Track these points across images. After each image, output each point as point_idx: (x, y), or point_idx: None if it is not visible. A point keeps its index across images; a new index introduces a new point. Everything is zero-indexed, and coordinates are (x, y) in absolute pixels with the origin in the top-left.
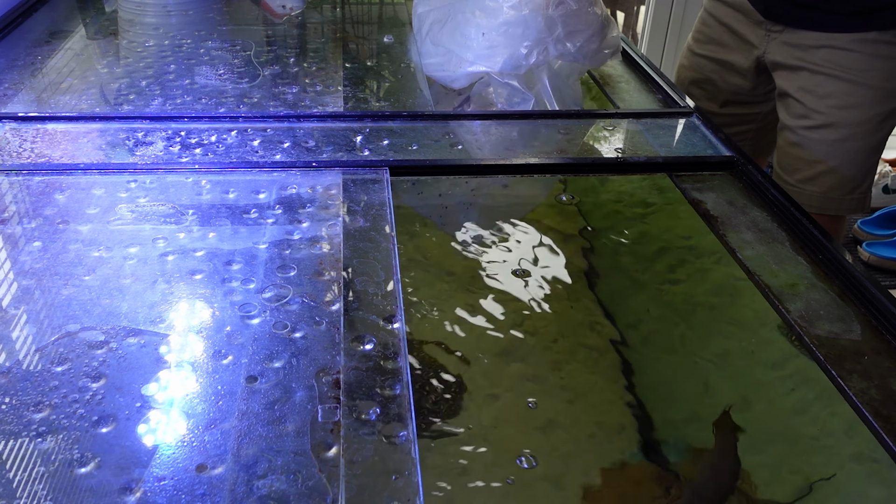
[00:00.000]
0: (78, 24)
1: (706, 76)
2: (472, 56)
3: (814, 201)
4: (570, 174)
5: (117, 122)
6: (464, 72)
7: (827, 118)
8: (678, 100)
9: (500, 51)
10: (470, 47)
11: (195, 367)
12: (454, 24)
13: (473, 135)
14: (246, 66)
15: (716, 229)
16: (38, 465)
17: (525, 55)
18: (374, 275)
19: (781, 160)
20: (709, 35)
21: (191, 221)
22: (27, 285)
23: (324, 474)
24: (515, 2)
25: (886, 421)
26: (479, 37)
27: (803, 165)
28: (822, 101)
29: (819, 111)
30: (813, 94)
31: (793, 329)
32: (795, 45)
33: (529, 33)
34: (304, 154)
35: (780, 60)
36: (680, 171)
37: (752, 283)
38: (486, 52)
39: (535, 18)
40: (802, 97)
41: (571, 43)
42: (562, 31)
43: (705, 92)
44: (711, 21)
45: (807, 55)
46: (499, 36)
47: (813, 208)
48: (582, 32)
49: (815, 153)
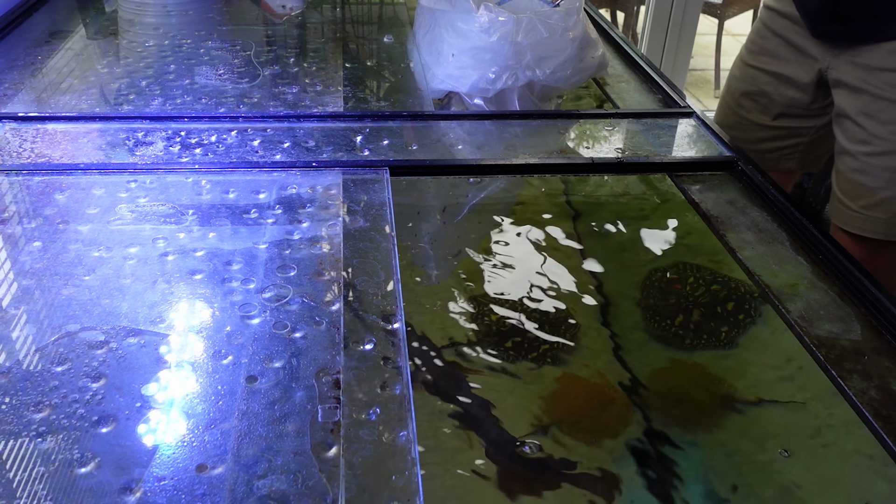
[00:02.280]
0: (78, 24)
1: (760, 88)
2: (443, 74)
3: (879, 227)
4: (570, 174)
5: (117, 122)
6: (436, 87)
7: (890, 145)
8: (678, 100)
9: (468, 73)
10: (441, 64)
11: (195, 367)
12: (432, 37)
13: (473, 134)
14: (246, 66)
15: (716, 229)
16: (38, 465)
17: (493, 80)
18: (374, 275)
19: (842, 185)
20: (763, 47)
21: (191, 221)
22: (27, 285)
23: (324, 474)
24: (486, 27)
25: (886, 421)
26: (450, 56)
27: (866, 192)
28: (885, 128)
29: (881, 137)
30: (875, 119)
31: (793, 329)
32: (860, 65)
33: (498, 59)
34: (304, 154)
35: (843, 79)
36: (680, 171)
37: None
38: (455, 71)
39: (502, 46)
40: (864, 122)
41: (541, 70)
42: (531, 58)
43: (757, 104)
44: (767, 32)
45: (871, 77)
46: (468, 58)
47: (879, 234)
48: (553, 59)
49: (878, 179)
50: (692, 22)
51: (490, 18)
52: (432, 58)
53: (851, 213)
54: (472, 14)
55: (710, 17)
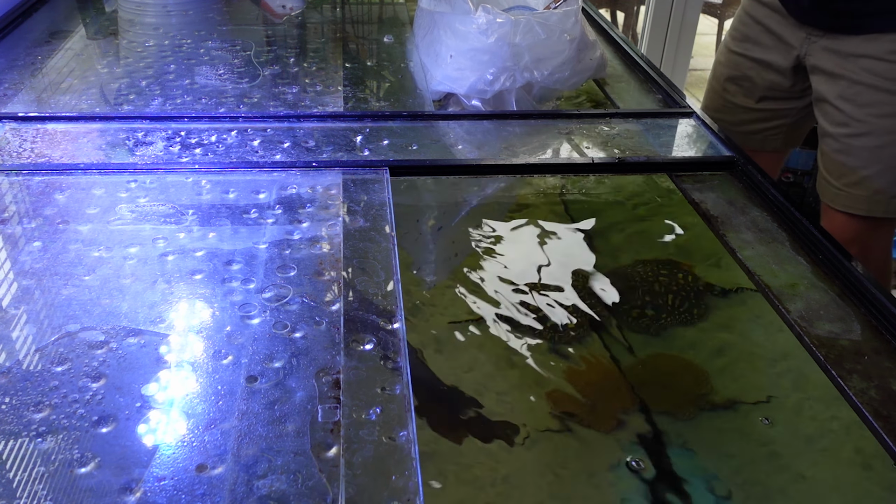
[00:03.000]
0: (78, 24)
1: (743, 73)
2: (441, 76)
3: (862, 204)
4: (570, 174)
5: (117, 122)
6: (434, 88)
7: (868, 126)
8: (678, 100)
9: (466, 74)
10: (440, 65)
11: (195, 367)
12: (430, 39)
13: (473, 134)
14: (246, 66)
15: (716, 229)
16: (38, 465)
17: (490, 81)
18: (374, 275)
19: (827, 165)
20: (746, 34)
21: (191, 221)
22: (27, 285)
23: (324, 474)
24: (483, 28)
25: (886, 421)
26: (448, 58)
27: (848, 171)
28: (862, 110)
29: (859, 119)
30: (852, 102)
31: (793, 329)
32: (836, 52)
33: (496, 61)
34: (304, 154)
35: (820, 65)
36: (680, 171)
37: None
38: (454, 73)
39: (500, 47)
40: (842, 105)
41: (539, 71)
42: (529, 60)
43: (741, 88)
44: (748, 20)
45: (847, 63)
46: (466, 60)
47: (862, 210)
48: (551, 60)
49: (858, 159)
50: (692, 22)
51: (488, 20)
52: (431, 59)
53: (836, 191)
54: (470, 15)
55: (710, 17)
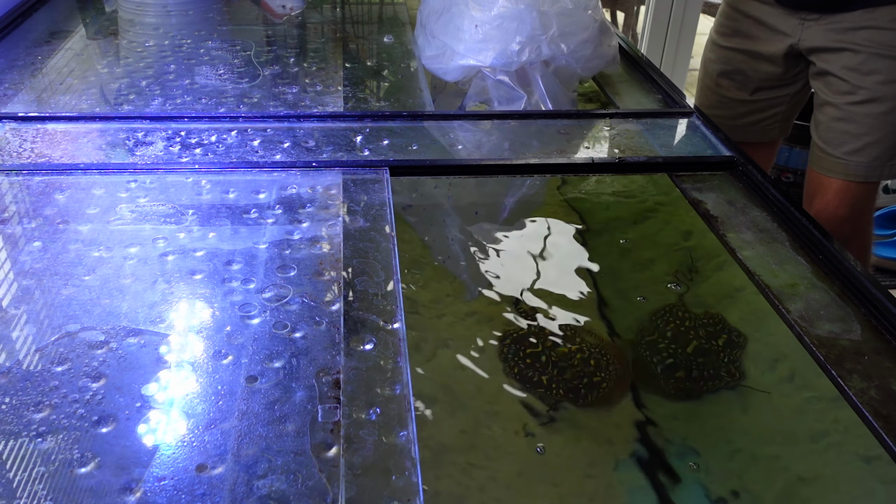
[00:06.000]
0: (78, 24)
1: (736, 67)
2: (464, 49)
3: (861, 170)
4: (570, 174)
5: (117, 122)
6: (455, 65)
7: (872, 93)
8: (678, 99)
9: (491, 45)
10: (462, 39)
11: (195, 367)
12: (449, 17)
13: (473, 134)
14: (246, 66)
15: (716, 229)
16: (38, 465)
17: (517, 52)
18: (374, 275)
19: (824, 135)
20: (735, 28)
21: (191, 221)
22: (27, 285)
23: (324, 474)
24: None
25: (886, 421)
26: (473, 29)
27: (849, 139)
28: (867, 78)
29: (864, 87)
30: (857, 71)
31: (793, 329)
32: (834, 29)
33: (524, 28)
34: (305, 154)
35: (819, 45)
36: (680, 171)
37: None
38: (477, 45)
39: (529, 13)
40: (846, 75)
41: (566, 44)
42: (556, 31)
43: (735, 82)
44: (737, 15)
45: (847, 37)
46: (492, 29)
47: (860, 177)
48: (576, 35)
49: (861, 126)
50: (692, 22)
51: None
52: (451, 37)
53: (834, 160)
54: None
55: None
